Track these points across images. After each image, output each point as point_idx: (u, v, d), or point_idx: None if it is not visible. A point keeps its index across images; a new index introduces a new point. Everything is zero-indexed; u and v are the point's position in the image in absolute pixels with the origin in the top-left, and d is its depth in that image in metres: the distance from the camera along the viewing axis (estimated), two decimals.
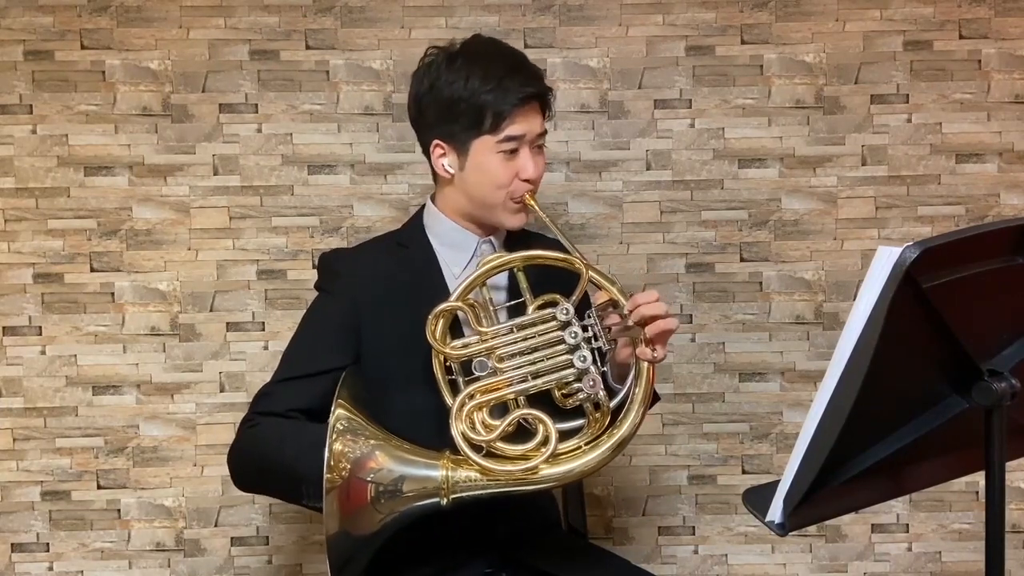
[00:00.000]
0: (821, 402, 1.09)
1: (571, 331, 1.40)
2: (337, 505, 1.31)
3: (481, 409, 1.40)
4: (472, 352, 1.42)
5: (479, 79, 1.47)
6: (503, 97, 1.47)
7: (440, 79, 1.50)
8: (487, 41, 1.57)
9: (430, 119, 1.54)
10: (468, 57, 1.50)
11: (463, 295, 1.44)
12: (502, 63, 1.50)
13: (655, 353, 1.39)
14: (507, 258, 1.46)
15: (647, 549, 2.17)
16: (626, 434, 1.39)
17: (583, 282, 1.42)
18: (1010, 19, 2.12)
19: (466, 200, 1.55)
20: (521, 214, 1.55)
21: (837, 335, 1.13)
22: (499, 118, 1.47)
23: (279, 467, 1.43)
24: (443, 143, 1.53)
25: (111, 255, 2.08)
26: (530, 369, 1.41)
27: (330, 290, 1.58)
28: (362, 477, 1.34)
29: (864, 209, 2.14)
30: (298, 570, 2.14)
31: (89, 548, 2.11)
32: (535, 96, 1.51)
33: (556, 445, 1.36)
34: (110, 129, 2.07)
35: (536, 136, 1.52)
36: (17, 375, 2.08)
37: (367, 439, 1.37)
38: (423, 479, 1.37)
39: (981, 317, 1.11)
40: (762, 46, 2.11)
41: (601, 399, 1.41)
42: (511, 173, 1.51)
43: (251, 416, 1.52)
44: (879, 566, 2.18)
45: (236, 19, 2.07)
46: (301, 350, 1.56)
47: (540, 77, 1.54)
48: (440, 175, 1.56)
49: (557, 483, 1.39)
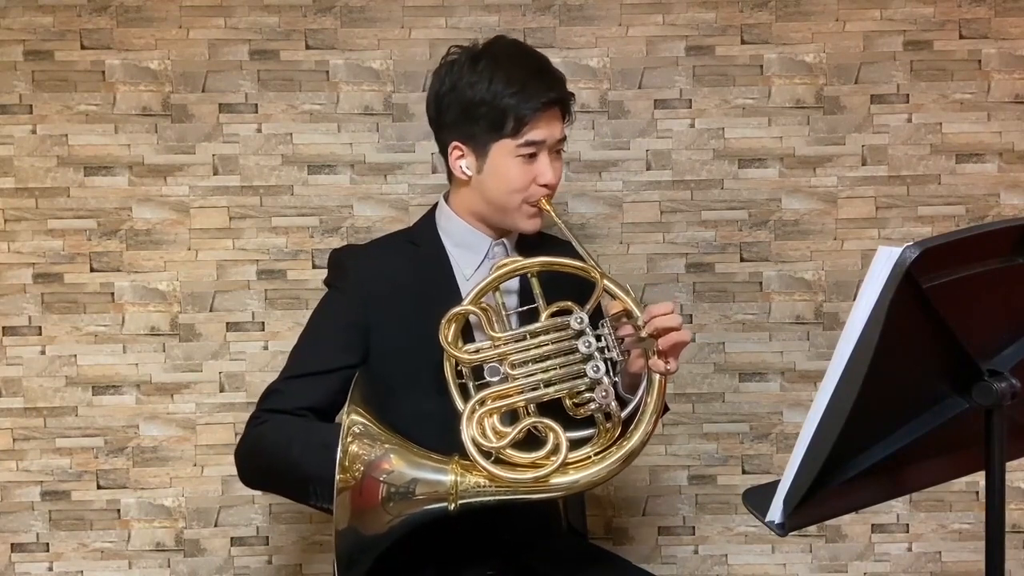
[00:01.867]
0: (821, 402, 1.09)
1: (585, 340, 1.39)
2: (349, 502, 1.30)
3: (492, 415, 1.39)
4: (484, 357, 1.41)
5: (502, 82, 1.46)
6: (526, 101, 1.46)
7: (462, 80, 1.49)
8: (510, 43, 1.56)
9: (450, 120, 1.52)
10: (491, 59, 1.49)
11: (476, 299, 1.43)
12: (526, 67, 1.49)
13: (668, 365, 1.38)
14: (522, 263, 1.45)
15: (647, 549, 2.17)
16: (636, 445, 1.38)
17: (598, 291, 1.41)
18: (1010, 19, 2.12)
19: (482, 202, 1.54)
20: (536, 219, 1.54)
21: (837, 335, 1.13)
22: (521, 122, 1.46)
23: (286, 466, 1.42)
24: (462, 144, 1.52)
25: (111, 255, 2.08)
26: (542, 377, 1.40)
27: (340, 287, 1.57)
28: (375, 477, 1.34)
29: (864, 209, 2.14)
30: (298, 570, 2.14)
31: (89, 548, 2.11)
32: (557, 101, 1.50)
33: (566, 454, 1.35)
34: (110, 129, 2.07)
35: (556, 142, 1.52)
36: (17, 375, 2.08)
37: (382, 443, 1.36)
38: (432, 483, 1.36)
39: (981, 317, 1.11)
40: (762, 46, 2.11)
41: (613, 410, 1.40)
42: (529, 178, 1.50)
43: (259, 413, 1.51)
44: (879, 566, 2.18)
45: (236, 19, 2.07)
46: (310, 347, 1.55)
47: (563, 82, 1.54)
48: (457, 176, 1.55)
49: (566, 492, 1.39)
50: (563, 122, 1.54)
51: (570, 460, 1.37)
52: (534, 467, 1.36)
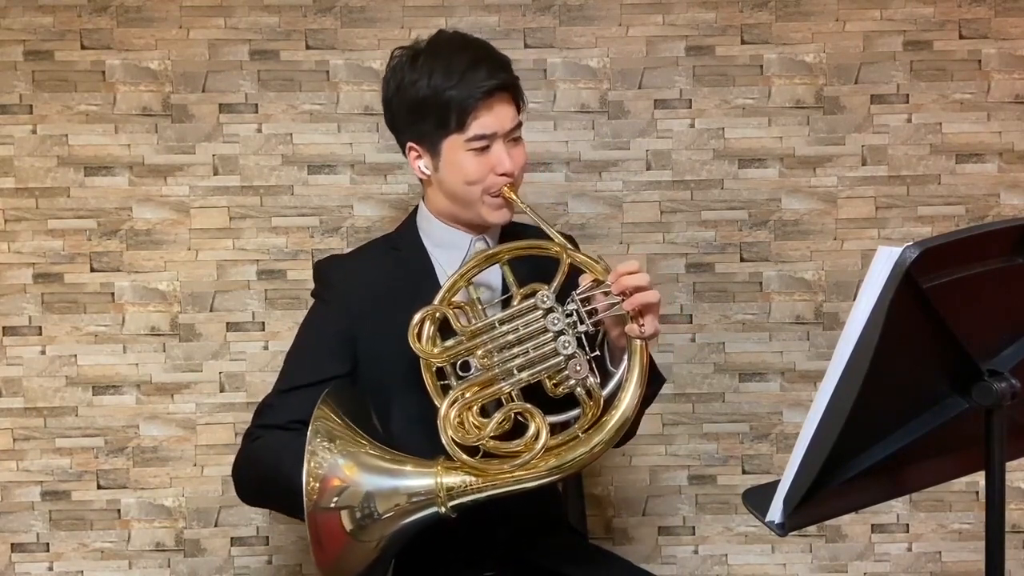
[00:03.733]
0: (821, 402, 1.09)
1: (552, 317, 1.35)
2: (315, 557, 1.28)
3: (471, 409, 1.36)
4: (455, 352, 1.38)
5: (441, 75, 1.43)
6: (466, 92, 1.43)
7: (405, 79, 1.47)
8: (450, 36, 1.52)
9: (400, 122, 1.51)
10: (430, 54, 1.46)
11: (446, 298, 1.40)
12: (464, 57, 1.45)
13: (643, 328, 1.35)
14: (485, 254, 1.42)
15: (647, 549, 2.17)
16: (622, 417, 1.33)
17: (563, 266, 1.38)
18: (1010, 19, 2.12)
19: (446, 200, 1.52)
20: (503, 209, 1.51)
21: (837, 335, 1.13)
22: (464, 115, 1.43)
23: (277, 482, 1.40)
24: (416, 145, 1.51)
25: (111, 255, 2.08)
26: (517, 362, 1.36)
27: (325, 298, 1.56)
28: (326, 506, 1.30)
29: (864, 209, 2.14)
30: (298, 570, 2.14)
31: (89, 548, 2.11)
32: (500, 87, 1.46)
33: (548, 437, 1.32)
34: (110, 129, 2.07)
35: (508, 131, 1.48)
36: (17, 375, 2.08)
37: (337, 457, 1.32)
38: (408, 491, 1.33)
39: (981, 317, 1.11)
40: (762, 46, 2.11)
41: (591, 385, 1.35)
42: (486, 168, 1.47)
43: (253, 429, 1.50)
44: (879, 566, 2.18)
45: (236, 19, 2.07)
46: (300, 360, 1.54)
47: (506, 67, 1.49)
48: (419, 177, 1.55)
49: (558, 475, 1.34)
50: (515, 107, 1.50)
51: (556, 442, 1.34)
52: (519, 455, 1.32)
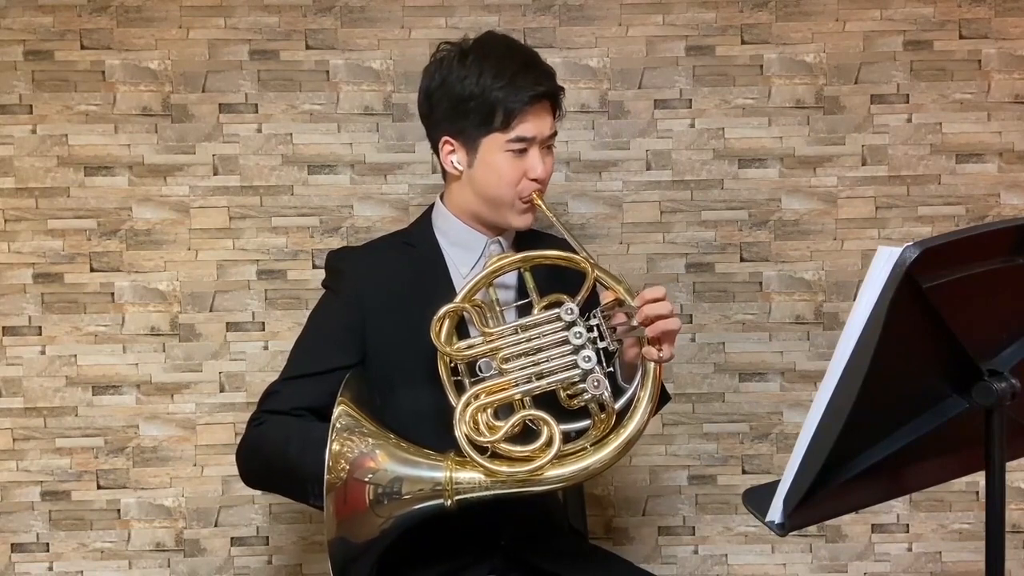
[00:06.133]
0: (821, 402, 1.09)
1: (575, 331, 1.39)
2: (334, 509, 1.30)
3: (485, 410, 1.39)
4: (476, 353, 1.41)
5: (491, 76, 1.46)
6: (515, 94, 1.46)
7: (452, 75, 1.50)
8: (500, 38, 1.56)
9: (440, 115, 1.53)
10: (480, 53, 1.49)
11: (467, 296, 1.43)
12: (514, 60, 1.49)
13: (661, 352, 1.38)
14: (511, 259, 1.46)
15: (647, 549, 2.17)
16: (632, 434, 1.37)
17: (588, 281, 1.42)
18: (1010, 19, 2.12)
19: (474, 198, 1.54)
20: (528, 214, 1.54)
21: (837, 335, 1.13)
22: (510, 116, 1.47)
23: (284, 466, 1.43)
24: (452, 140, 1.53)
25: (111, 255, 2.08)
26: (535, 370, 1.40)
27: (336, 289, 1.58)
28: (359, 478, 1.33)
29: (864, 209, 2.14)
30: (298, 570, 2.14)
31: (89, 548, 2.11)
32: (546, 95, 1.51)
33: (560, 446, 1.35)
34: (110, 129, 2.07)
35: (546, 137, 1.52)
36: (17, 375, 2.08)
37: (368, 439, 1.36)
38: (425, 480, 1.36)
39: (981, 317, 1.11)
40: (762, 46, 2.11)
41: (606, 400, 1.39)
42: (519, 172, 1.50)
43: (258, 414, 1.52)
44: (879, 566, 2.18)
45: (236, 19, 2.07)
46: (307, 349, 1.55)
47: (552, 76, 1.54)
48: (449, 172, 1.56)
49: (563, 484, 1.38)
50: (553, 117, 1.54)
51: (565, 452, 1.38)
52: (529, 460, 1.35)
